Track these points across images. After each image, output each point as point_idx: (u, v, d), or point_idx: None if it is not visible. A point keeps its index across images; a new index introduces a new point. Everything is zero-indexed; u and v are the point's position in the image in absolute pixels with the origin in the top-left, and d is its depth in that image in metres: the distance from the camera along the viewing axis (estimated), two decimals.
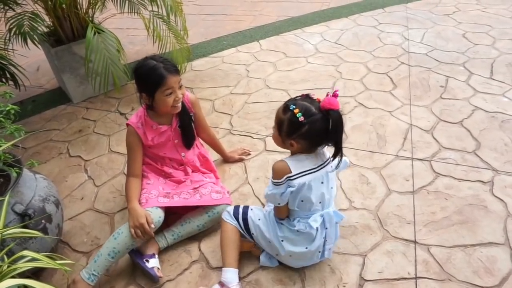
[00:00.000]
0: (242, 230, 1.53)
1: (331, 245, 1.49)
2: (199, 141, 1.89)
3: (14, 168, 1.47)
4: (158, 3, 2.64)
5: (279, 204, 1.40)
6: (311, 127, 1.26)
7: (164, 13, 2.70)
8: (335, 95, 1.26)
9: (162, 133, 1.71)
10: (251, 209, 1.55)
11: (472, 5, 3.95)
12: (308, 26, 3.81)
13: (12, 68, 2.51)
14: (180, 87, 1.60)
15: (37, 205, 1.50)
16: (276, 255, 1.51)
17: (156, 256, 1.60)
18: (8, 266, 1.11)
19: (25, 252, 1.16)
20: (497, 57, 2.96)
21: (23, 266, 1.12)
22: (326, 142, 1.34)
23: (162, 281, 1.56)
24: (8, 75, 2.52)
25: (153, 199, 1.60)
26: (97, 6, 2.78)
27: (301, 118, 1.25)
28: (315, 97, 1.31)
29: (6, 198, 1.31)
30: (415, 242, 1.63)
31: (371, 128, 2.32)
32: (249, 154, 2.17)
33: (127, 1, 2.77)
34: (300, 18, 4.04)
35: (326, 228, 1.43)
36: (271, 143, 2.25)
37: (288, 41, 3.54)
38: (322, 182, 1.39)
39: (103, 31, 2.44)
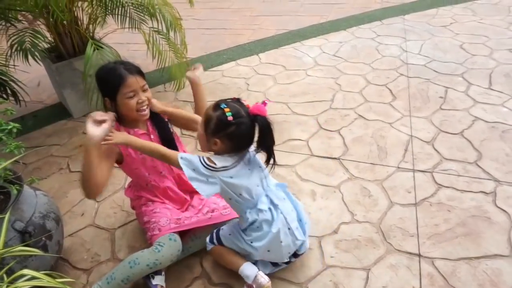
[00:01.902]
0: None
1: (295, 222, 1.47)
2: (182, 147, 1.79)
3: (15, 185, 1.46)
4: (158, 18, 2.67)
5: (192, 165, 1.35)
6: (237, 128, 1.30)
7: (164, 29, 2.73)
8: (264, 103, 1.33)
9: (140, 136, 1.57)
10: (222, 229, 1.59)
11: (468, 16, 4.00)
12: (307, 39, 3.84)
13: (13, 84, 2.53)
14: (145, 90, 1.53)
15: (38, 222, 1.49)
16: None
17: (163, 273, 1.57)
18: (7, 286, 1.10)
19: (25, 271, 1.14)
20: (495, 67, 2.98)
21: (22, 285, 1.11)
22: (255, 148, 1.38)
23: None
24: (9, 91, 2.53)
25: (166, 227, 1.57)
26: (97, 22, 2.82)
27: (230, 118, 1.28)
28: (245, 102, 1.36)
29: (7, 216, 1.30)
30: (419, 255, 1.62)
31: (372, 140, 2.32)
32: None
33: (127, 17, 2.80)
34: (299, 31, 4.08)
35: (277, 205, 1.44)
36: None
37: (287, 54, 3.57)
38: (249, 169, 1.40)
39: (103, 47, 2.45)
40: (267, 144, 1.35)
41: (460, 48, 3.33)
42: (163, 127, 1.68)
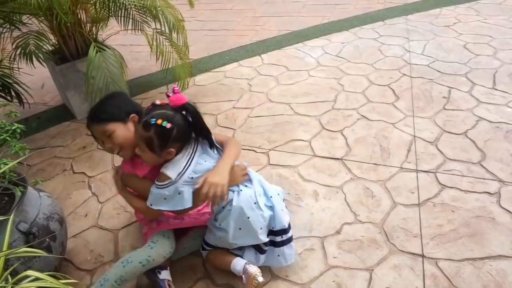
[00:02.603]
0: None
1: (260, 197, 1.47)
2: None
3: (19, 187, 1.47)
4: (161, 20, 2.69)
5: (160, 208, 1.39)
6: (178, 128, 1.32)
7: (167, 30, 2.74)
8: (175, 91, 1.33)
9: (153, 168, 1.57)
10: (206, 232, 1.62)
11: (472, 16, 3.98)
12: (309, 39, 3.84)
13: (17, 86, 2.55)
14: (109, 136, 1.43)
15: (42, 223, 1.50)
16: (236, 245, 1.52)
17: (168, 268, 1.58)
18: (12, 287, 1.11)
19: (29, 272, 1.15)
20: (499, 67, 2.96)
21: (26, 286, 1.11)
22: (196, 136, 1.42)
23: None
24: (13, 93, 2.55)
25: (164, 222, 1.57)
26: (100, 25, 2.83)
27: (168, 125, 1.29)
28: (158, 102, 1.36)
29: (11, 217, 1.30)
30: (422, 256, 1.61)
31: (375, 140, 2.31)
32: None
33: (130, 19, 2.81)
34: (301, 32, 4.08)
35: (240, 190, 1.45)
36: (275, 157, 2.26)
37: (289, 55, 3.57)
38: (205, 161, 1.42)
39: (105, 50, 2.46)
40: (202, 130, 1.39)
41: (463, 48, 3.31)
42: None
